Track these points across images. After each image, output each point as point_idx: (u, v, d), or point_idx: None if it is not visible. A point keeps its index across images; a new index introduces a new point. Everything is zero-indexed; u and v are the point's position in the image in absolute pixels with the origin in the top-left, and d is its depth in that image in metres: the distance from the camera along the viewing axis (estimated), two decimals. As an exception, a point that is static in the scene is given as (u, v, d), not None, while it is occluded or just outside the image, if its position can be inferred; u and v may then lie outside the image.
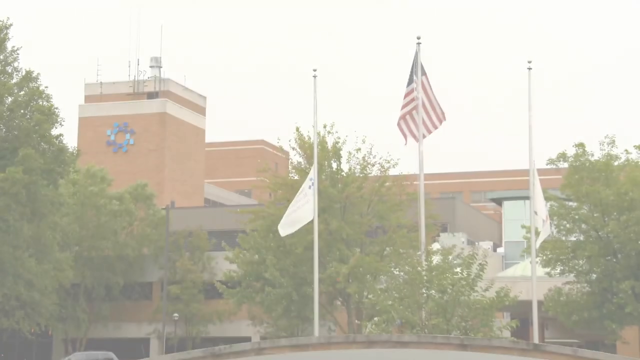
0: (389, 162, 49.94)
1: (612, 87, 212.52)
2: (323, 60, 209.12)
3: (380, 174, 49.96)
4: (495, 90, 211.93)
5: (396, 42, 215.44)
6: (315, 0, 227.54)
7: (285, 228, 33.30)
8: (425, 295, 29.12)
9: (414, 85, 34.63)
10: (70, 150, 49.14)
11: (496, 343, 13.54)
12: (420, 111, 34.49)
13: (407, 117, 34.45)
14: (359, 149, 49.71)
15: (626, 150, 48.37)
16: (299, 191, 33.60)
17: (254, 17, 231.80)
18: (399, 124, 34.71)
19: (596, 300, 46.79)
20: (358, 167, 49.65)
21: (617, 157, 47.98)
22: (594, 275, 47.41)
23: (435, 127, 35.02)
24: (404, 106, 34.64)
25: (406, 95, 34.67)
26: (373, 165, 49.73)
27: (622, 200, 45.56)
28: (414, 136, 34.55)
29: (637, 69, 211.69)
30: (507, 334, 35.98)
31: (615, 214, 46.14)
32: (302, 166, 49.28)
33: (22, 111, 46.49)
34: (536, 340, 36.48)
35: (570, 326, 49.69)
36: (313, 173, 33.65)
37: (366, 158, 49.63)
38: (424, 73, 35.42)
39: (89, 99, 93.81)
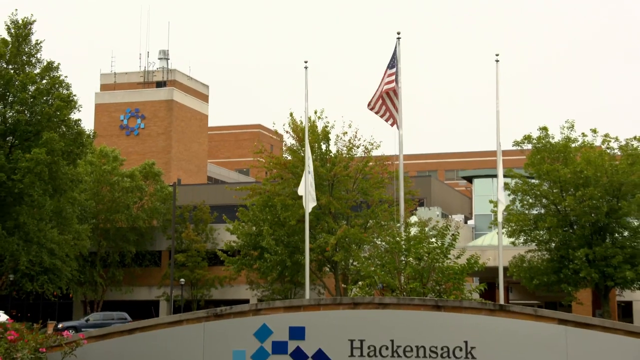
0: (372, 144, 49.96)
1: (573, 77, 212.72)
2: (314, 54, 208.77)
3: (364, 154, 49.94)
4: (467, 80, 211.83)
5: (378, 36, 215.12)
6: (307, 2, 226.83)
7: (310, 202, 32.94)
8: (403, 262, 29.14)
9: (394, 70, 34.19)
10: (88, 133, 49.01)
11: (466, 304, 13.55)
12: (400, 98, 34.27)
13: (384, 95, 33.80)
14: (346, 133, 49.73)
15: (583, 133, 48.50)
16: (303, 178, 33.16)
17: (254, 15, 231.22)
18: (375, 96, 33.99)
19: (554, 266, 46.97)
20: (345, 148, 49.60)
21: (575, 140, 48.11)
22: (553, 244, 47.60)
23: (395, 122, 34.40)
24: (385, 83, 34.00)
25: (387, 75, 34.07)
26: (358, 147, 49.71)
27: (578, 178, 45.67)
28: (393, 122, 34.13)
29: (595, 61, 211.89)
30: (476, 296, 35.99)
31: (572, 190, 46.23)
32: (295, 148, 49.24)
33: (44, 98, 46.30)
34: (502, 301, 36.59)
35: (532, 289, 49.92)
36: (307, 158, 33.20)
37: (352, 141, 49.61)
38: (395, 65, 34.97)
39: (104, 87, 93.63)
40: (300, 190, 32.79)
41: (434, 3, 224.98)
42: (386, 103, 33.96)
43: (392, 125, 34.05)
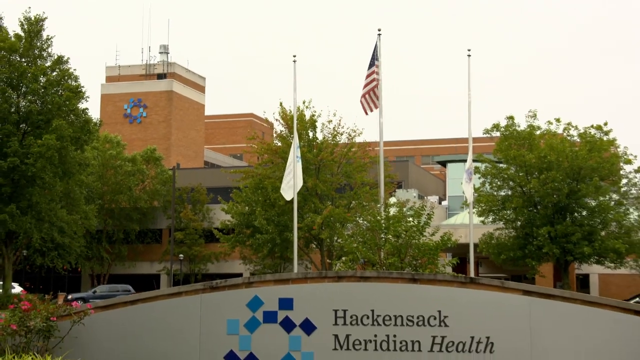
0: (355, 132, 49.90)
1: (537, 71, 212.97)
2: (302, 48, 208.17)
3: (348, 141, 49.91)
4: (443, 73, 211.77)
5: (361, 32, 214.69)
6: (297, 1, 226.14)
7: (288, 193, 32.59)
8: (383, 239, 29.16)
9: (374, 68, 34.28)
10: (94, 121, 48.75)
11: (440, 277, 13.58)
12: (380, 88, 34.25)
13: (367, 95, 34.06)
14: (331, 121, 49.70)
15: (548, 121, 48.64)
16: (288, 163, 32.81)
17: (248, 13, 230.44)
18: (361, 100, 34.35)
19: (520, 243, 47.16)
20: (330, 135, 49.56)
21: (538, 128, 48.21)
22: (519, 223, 47.77)
23: (376, 107, 34.40)
24: (365, 85, 34.30)
25: (367, 77, 34.33)
26: (342, 134, 49.66)
27: (542, 163, 45.80)
28: (372, 110, 34.14)
29: (557, 56, 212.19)
30: (449, 269, 36.08)
31: (536, 173, 46.37)
32: (284, 135, 49.17)
33: (54, 89, 46.02)
34: (472, 274, 36.78)
35: (499, 263, 50.13)
36: (295, 145, 32.96)
37: (336, 128, 49.56)
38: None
39: (109, 79, 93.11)
40: (300, 182, 32.43)
41: (413, 1, 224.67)
42: (370, 95, 34.04)
43: (369, 111, 33.96)
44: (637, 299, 51.75)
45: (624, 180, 48.88)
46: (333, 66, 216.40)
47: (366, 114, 34.02)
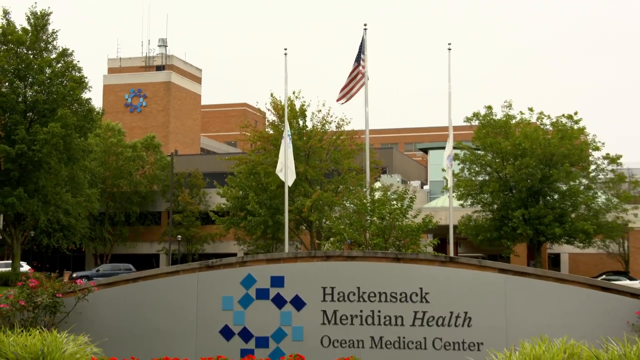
0: (343, 121, 49.91)
1: (513, 62, 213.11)
2: (293, 41, 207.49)
3: (336, 129, 49.87)
4: (426, 64, 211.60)
5: (348, 27, 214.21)
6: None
7: (290, 177, 31.94)
8: (369, 221, 29.21)
9: (361, 62, 34.09)
10: (97, 110, 48.51)
11: (422, 256, 13.61)
12: (367, 80, 34.12)
13: (347, 86, 33.69)
14: (320, 110, 49.64)
15: (521, 111, 48.76)
16: (282, 150, 32.15)
17: (242, 7, 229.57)
18: (342, 89, 33.87)
19: (496, 224, 47.33)
20: (319, 124, 49.50)
21: (513, 117, 48.30)
22: (495, 206, 47.92)
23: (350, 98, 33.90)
24: (349, 76, 33.91)
25: (353, 70, 34.07)
26: (330, 123, 49.62)
27: (517, 150, 45.91)
28: (347, 100, 33.65)
29: (532, 49, 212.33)
30: (430, 249, 36.23)
31: (511, 159, 46.48)
32: (276, 123, 49.08)
33: (59, 80, 45.73)
34: (452, 254, 36.89)
35: (477, 244, 50.29)
36: (286, 133, 32.72)
37: (325, 117, 49.51)
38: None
39: (111, 70, 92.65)
40: (280, 165, 32.02)
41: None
42: (353, 85, 33.86)
43: (342, 101, 33.45)
44: (604, 276, 52.11)
45: (593, 166, 49.17)
46: (323, 58, 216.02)
47: (337, 100, 33.60)
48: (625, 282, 46.70)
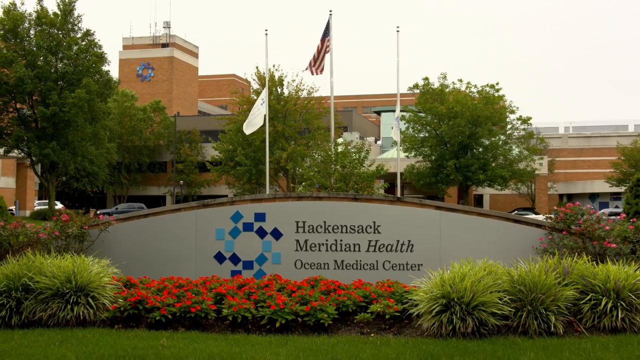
0: (313, 88, 49.62)
1: (448, 41, 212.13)
2: (274, 23, 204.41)
3: (307, 95, 49.54)
4: (379, 43, 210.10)
5: (316, 12, 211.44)
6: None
7: (248, 128, 32.51)
8: (333, 169, 29.25)
9: (326, 41, 33.64)
10: (114, 80, 47.71)
11: (375, 197, 13.61)
12: (331, 55, 33.77)
13: (315, 60, 33.32)
14: (294, 80, 49.27)
15: (452, 82, 48.79)
16: (254, 106, 32.68)
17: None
18: (310, 62, 33.48)
19: (434, 172, 47.65)
20: (294, 91, 49.10)
21: (447, 86, 48.28)
22: (433, 157, 48.18)
23: (322, 72, 33.41)
24: (317, 53, 33.51)
25: (320, 47, 33.65)
26: (303, 91, 49.24)
27: (450, 112, 46.01)
28: (318, 72, 33.26)
29: (464, 30, 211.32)
30: (382, 191, 36.40)
31: (446, 120, 46.60)
32: (259, 90, 48.57)
33: (83, 55, 44.84)
34: (399, 195, 37.13)
35: (419, 187, 50.70)
36: (264, 95, 32.68)
37: (299, 86, 49.11)
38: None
39: (125, 47, 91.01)
40: (261, 121, 31.99)
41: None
42: (319, 59, 33.51)
43: (312, 72, 33.04)
44: (516, 211, 52.90)
45: (509, 126, 49.50)
46: (298, 37, 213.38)
47: (312, 73, 33.24)
48: (532, 216, 47.43)
